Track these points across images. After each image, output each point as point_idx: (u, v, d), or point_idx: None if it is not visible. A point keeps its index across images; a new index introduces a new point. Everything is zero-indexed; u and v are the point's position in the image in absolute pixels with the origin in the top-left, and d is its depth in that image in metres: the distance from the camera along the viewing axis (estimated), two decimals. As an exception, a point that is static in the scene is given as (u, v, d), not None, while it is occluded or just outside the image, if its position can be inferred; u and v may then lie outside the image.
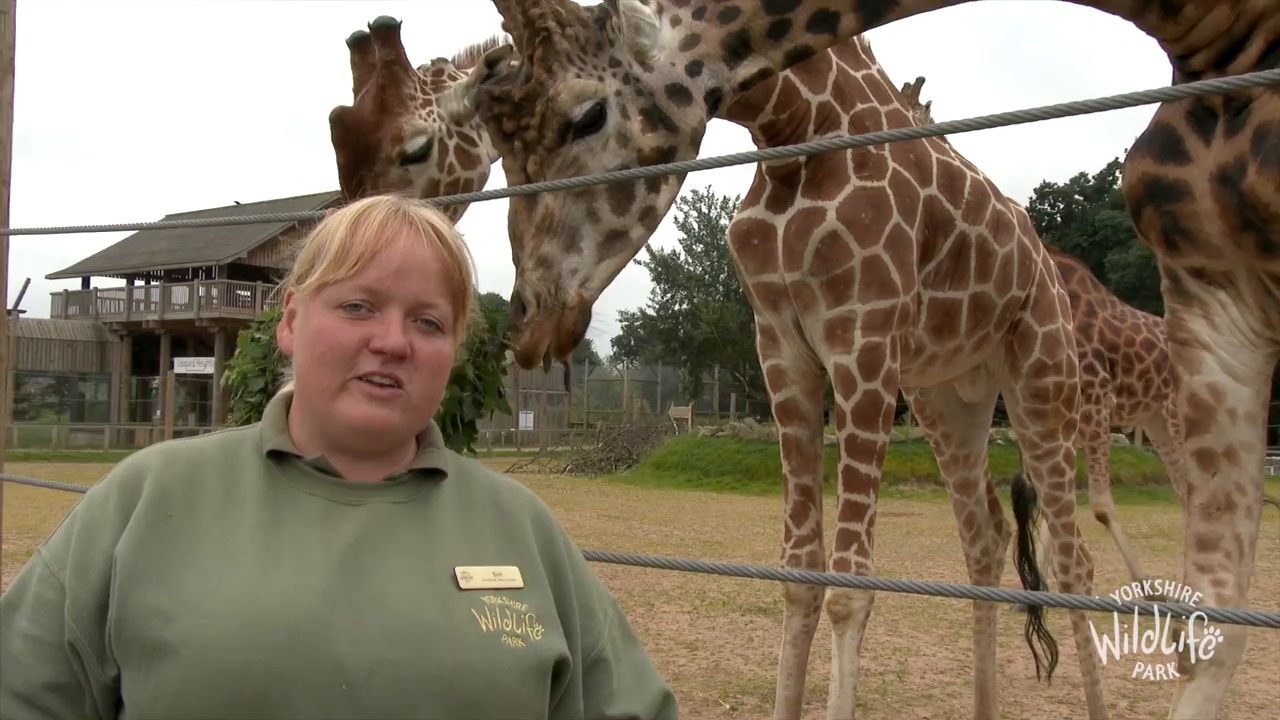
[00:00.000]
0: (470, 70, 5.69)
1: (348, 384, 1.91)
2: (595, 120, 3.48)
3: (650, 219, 3.64)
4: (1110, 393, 12.50)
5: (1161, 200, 3.27)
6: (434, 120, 5.60)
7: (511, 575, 1.94)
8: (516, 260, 3.55)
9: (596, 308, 3.79)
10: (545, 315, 3.48)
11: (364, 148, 5.48)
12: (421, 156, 5.52)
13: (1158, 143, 3.30)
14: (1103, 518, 12.85)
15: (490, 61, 4.76)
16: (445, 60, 5.96)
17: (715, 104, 3.63)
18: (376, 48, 5.57)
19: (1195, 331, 3.35)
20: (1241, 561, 3.31)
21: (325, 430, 1.95)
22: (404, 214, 1.97)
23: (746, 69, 3.58)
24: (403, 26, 5.60)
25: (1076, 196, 64.03)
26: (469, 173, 5.69)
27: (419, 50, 6.14)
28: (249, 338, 5.84)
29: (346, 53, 5.81)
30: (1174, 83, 3.33)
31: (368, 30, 5.64)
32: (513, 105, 3.48)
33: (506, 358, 5.83)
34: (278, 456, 1.95)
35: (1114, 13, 3.31)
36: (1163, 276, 3.46)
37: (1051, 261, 6.44)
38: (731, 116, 4.91)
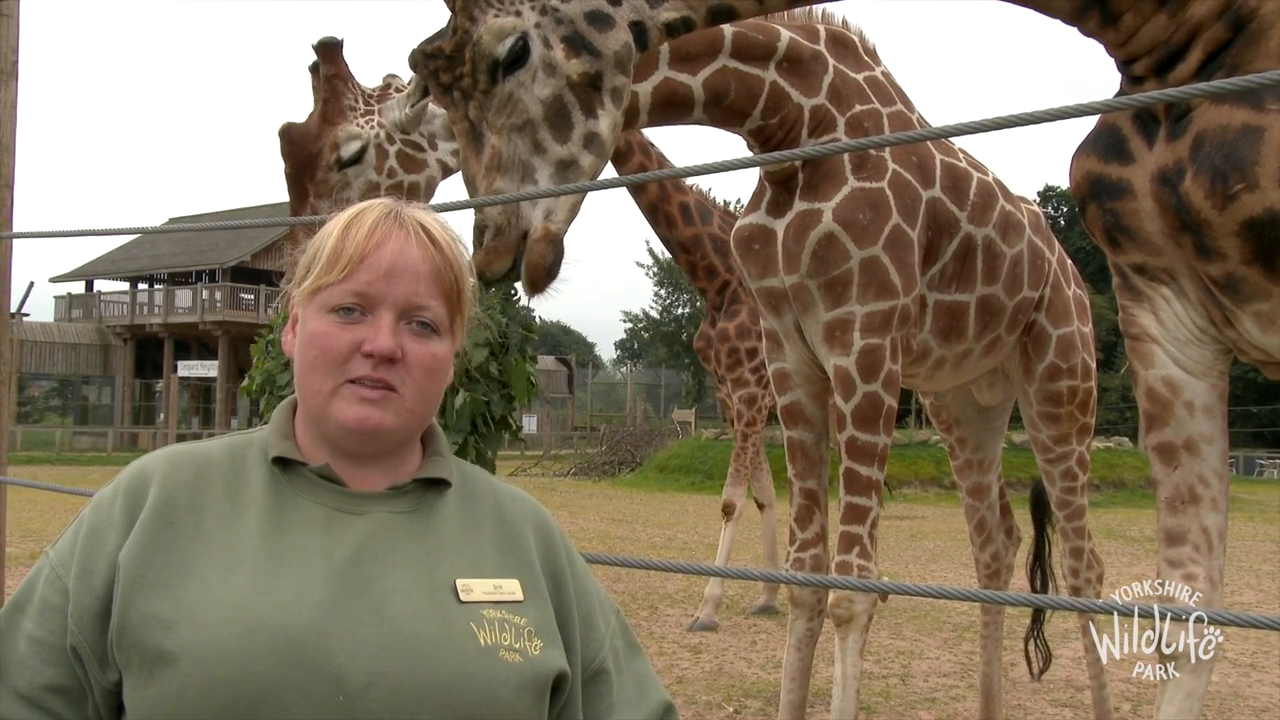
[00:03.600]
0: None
1: (340, 388, 1.91)
2: (520, 55, 3.56)
3: (597, 146, 3.70)
4: None
5: (1105, 198, 3.34)
6: (371, 127, 5.88)
7: (512, 589, 1.94)
8: None
9: (601, 311, 3.85)
10: (502, 240, 3.57)
11: (306, 157, 5.81)
12: (355, 160, 5.85)
13: (1103, 142, 3.36)
14: (728, 509, 11.68)
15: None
16: (395, 76, 6.31)
17: (641, 38, 3.68)
18: (320, 65, 5.85)
19: (1145, 326, 3.42)
20: (1211, 554, 3.35)
21: (323, 433, 1.96)
22: (395, 216, 1.97)
23: (669, 11, 3.65)
24: (344, 45, 5.97)
25: (1080, 199, 63.57)
26: (413, 176, 6.02)
27: (382, 64, 6.43)
28: (263, 345, 5.90)
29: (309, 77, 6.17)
30: (1120, 88, 3.39)
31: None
32: (445, 59, 3.60)
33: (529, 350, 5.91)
34: (283, 463, 1.95)
35: (1055, 17, 3.36)
36: (1113, 274, 3.53)
37: (1069, 261, 6.42)
38: (720, 123, 4.94)
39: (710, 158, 3.56)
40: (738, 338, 10.76)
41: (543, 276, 3.66)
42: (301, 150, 5.79)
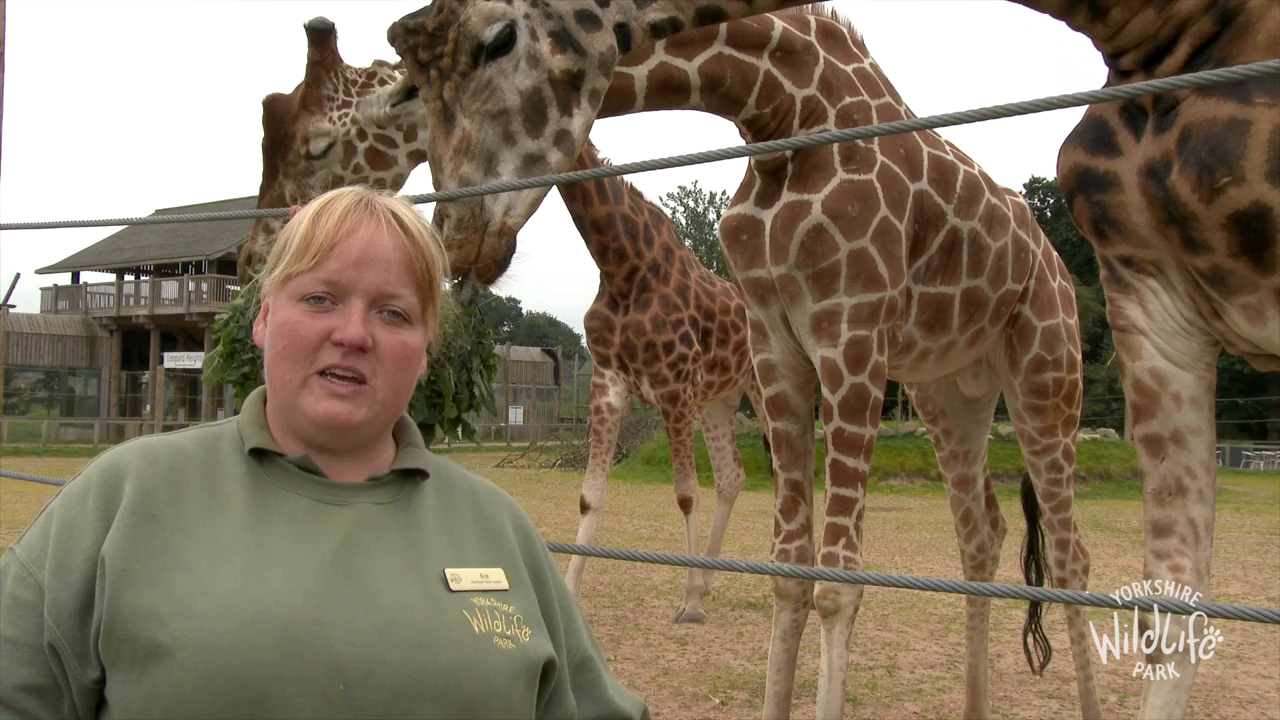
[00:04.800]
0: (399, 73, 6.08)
1: (309, 380, 1.89)
2: (506, 42, 3.56)
3: (566, 144, 3.69)
4: (702, 369, 10.66)
5: (1092, 190, 3.35)
6: (342, 124, 5.98)
7: (497, 577, 1.95)
8: (437, 184, 3.63)
9: (587, 303, 3.85)
10: (468, 233, 3.57)
11: (281, 136, 5.90)
12: (321, 156, 5.88)
13: (1090, 135, 3.37)
14: (685, 503, 11.23)
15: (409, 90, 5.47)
16: (384, 63, 6.31)
17: (625, 40, 3.68)
18: (308, 48, 5.91)
19: (1132, 318, 3.43)
20: (1198, 546, 3.35)
21: (292, 426, 1.94)
22: (366, 204, 1.95)
23: (656, 13, 3.66)
24: (335, 30, 6.03)
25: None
26: (380, 173, 6.14)
27: (371, 48, 6.47)
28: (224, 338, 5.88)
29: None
30: (1108, 82, 3.39)
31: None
32: (427, 36, 3.58)
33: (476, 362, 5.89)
34: (259, 454, 1.93)
35: (1043, 11, 3.37)
36: (1100, 266, 3.54)
37: (1054, 253, 6.44)
38: (716, 110, 4.93)
39: (689, 148, 3.56)
40: (654, 331, 10.07)
41: (493, 270, 3.67)
42: (279, 128, 5.87)
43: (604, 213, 9.91)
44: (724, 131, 6.86)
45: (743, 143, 5.07)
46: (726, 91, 4.84)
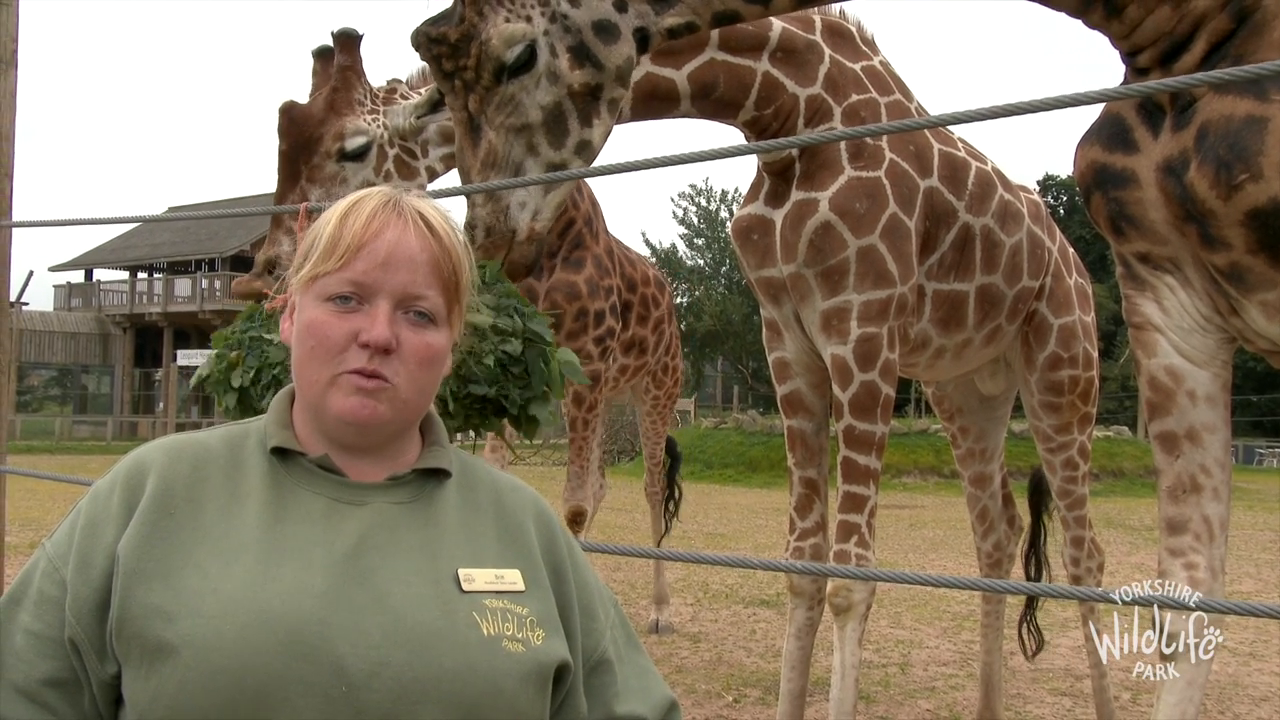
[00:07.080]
0: (423, 90, 6.03)
1: (337, 378, 1.88)
2: (527, 61, 3.62)
3: (587, 153, 3.78)
4: (619, 349, 8.78)
5: (1109, 187, 3.35)
6: (377, 127, 5.88)
7: (513, 578, 1.93)
8: (467, 196, 3.72)
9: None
10: (494, 241, 3.67)
11: (306, 139, 5.76)
12: (359, 155, 5.83)
13: (1107, 132, 3.38)
14: (578, 517, 8.62)
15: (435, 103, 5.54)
16: (399, 81, 6.31)
17: (643, 44, 3.75)
18: (336, 54, 5.85)
19: (1148, 315, 3.43)
20: (1213, 544, 3.35)
21: (319, 423, 1.94)
22: (394, 204, 1.94)
23: (674, 18, 3.70)
24: (363, 40, 5.95)
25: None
26: (406, 183, 5.96)
27: (379, 66, 6.43)
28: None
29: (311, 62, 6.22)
30: (1124, 79, 3.40)
31: (331, 43, 5.98)
32: (449, 46, 3.64)
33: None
34: (281, 453, 1.93)
35: (1060, 10, 3.37)
36: (1116, 263, 3.54)
37: (1070, 250, 6.42)
38: (711, 115, 4.95)
39: (691, 146, 3.59)
40: (589, 296, 7.89)
41: (522, 273, 3.79)
42: (302, 132, 5.74)
43: None
44: (727, 129, 6.59)
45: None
46: (720, 97, 4.85)
